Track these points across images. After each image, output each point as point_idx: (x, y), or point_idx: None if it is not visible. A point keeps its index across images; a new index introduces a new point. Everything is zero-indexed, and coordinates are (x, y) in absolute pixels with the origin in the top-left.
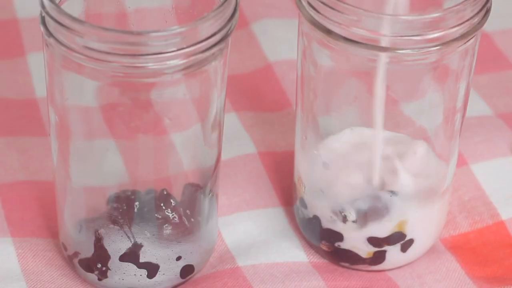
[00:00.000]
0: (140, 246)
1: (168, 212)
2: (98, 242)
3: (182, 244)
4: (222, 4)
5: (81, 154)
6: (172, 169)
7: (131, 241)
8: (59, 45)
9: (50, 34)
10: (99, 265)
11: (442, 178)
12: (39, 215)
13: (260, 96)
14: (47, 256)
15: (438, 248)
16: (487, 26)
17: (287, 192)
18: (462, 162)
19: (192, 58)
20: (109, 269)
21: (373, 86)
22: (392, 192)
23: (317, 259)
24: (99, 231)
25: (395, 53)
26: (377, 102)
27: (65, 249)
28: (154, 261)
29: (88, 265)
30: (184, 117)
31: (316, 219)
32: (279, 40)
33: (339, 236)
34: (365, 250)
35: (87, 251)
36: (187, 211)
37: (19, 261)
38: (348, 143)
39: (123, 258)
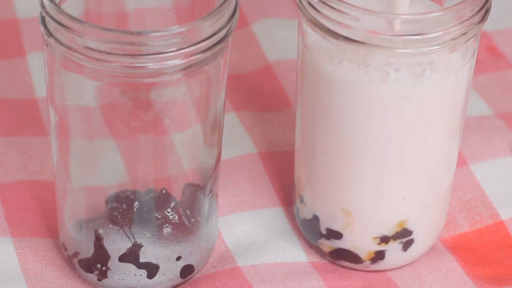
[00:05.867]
0: (140, 246)
1: (168, 212)
2: (98, 242)
3: (182, 244)
4: (222, 4)
5: (81, 154)
6: (172, 169)
7: (131, 241)
8: (59, 45)
9: (50, 34)
10: (99, 265)
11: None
12: (39, 215)
13: (260, 96)
14: (47, 256)
15: (438, 248)
16: (487, 26)
17: (287, 192)
18: (462, 162)
19: (192, 58)
20: (109, 269)
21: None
22: None
23: (317, 259)
24: (99, 231)
25: (395, 52)
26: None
27: (65, 249)
28: (154, 261)
29: (88, 265)
30: (184, 117)
31: (316, 219)
32: (279, 40)
33: (339, 236)
34: (365, 250)
35: (87, 251)
36: (187, 211)
37: (19, 261)
38: None
39: (123, 258)
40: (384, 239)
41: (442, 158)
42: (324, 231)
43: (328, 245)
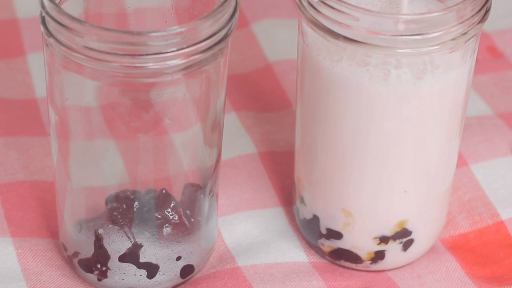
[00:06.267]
0: (140, 246)
1: (168, 212)
2: (98, 242)
3: (182, 244)
4: (222, 4)
5: (81, 154)
6: (172, 169)
7: (131, 241)
8: (59, 45)
9: (50, 34)
10: (99, 265)
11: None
12: (39, 215)
13: (260, 96)
14: (47, 256)
15: (438, 248)
16: (487, 26)
17: (287, 192)
18: (462, 162)
19: (192, 58)
20: (109, 269)
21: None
22: None
23: (317, 259)
24: (99, 231)
25: (395, 52)
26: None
27: (65, 249)
28: (154, 261)
29: (88, 265)
30: (184, 117)
31: (316, 219)
32: (279, 40)
33: (339, 236)
34: (365, 250)
35: (87, 251)
36: (187, 211)
37: (19, 261)
38: None
39: (123, 258)
40: (384, 239)
41: (442, 158)
42: (324, 231)
43: (328, 245)
